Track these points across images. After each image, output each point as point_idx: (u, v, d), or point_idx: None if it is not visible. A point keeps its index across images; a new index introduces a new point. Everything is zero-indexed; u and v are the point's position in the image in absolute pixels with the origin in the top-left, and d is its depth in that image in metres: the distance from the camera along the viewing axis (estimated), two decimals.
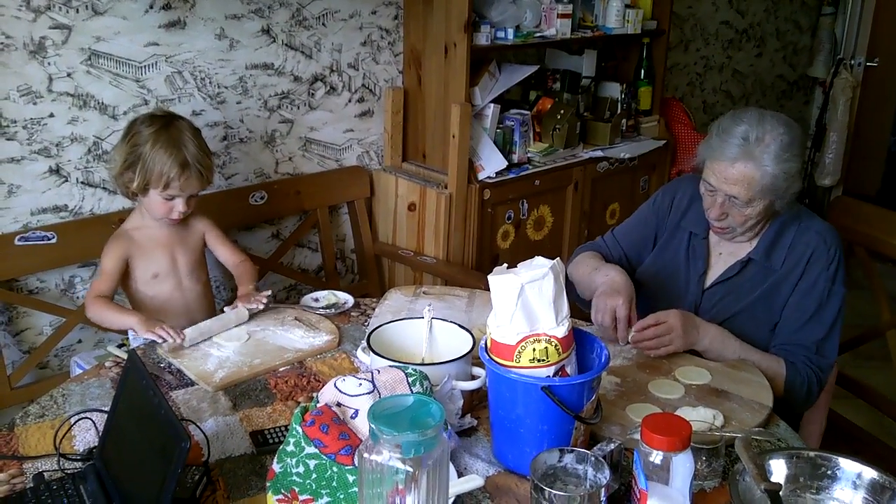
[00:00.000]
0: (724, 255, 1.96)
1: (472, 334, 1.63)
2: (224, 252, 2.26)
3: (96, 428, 1.51)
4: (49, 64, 2.23)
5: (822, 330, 1.84)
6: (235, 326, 1.94)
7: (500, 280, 1.35)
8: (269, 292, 2.05)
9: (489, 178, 2.83)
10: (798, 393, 1.81)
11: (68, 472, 1.40)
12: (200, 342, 1.87)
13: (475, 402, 1.60)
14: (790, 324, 1.86)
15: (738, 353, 1.82)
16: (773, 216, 1.89)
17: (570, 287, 2.01)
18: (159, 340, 1.84)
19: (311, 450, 1.28)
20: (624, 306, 1.80)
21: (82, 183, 2.37)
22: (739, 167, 1.77)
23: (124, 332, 2.29)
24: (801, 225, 1.89)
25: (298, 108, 2.78)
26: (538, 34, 2.94)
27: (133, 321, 1.94)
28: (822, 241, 1.85)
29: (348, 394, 1.35)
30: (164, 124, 2.05)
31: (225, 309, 2.01)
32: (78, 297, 2.44)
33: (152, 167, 2.00)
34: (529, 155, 2.99)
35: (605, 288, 1.86)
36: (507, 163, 2.87)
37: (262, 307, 2.01)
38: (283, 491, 1.29)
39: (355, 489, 1.26)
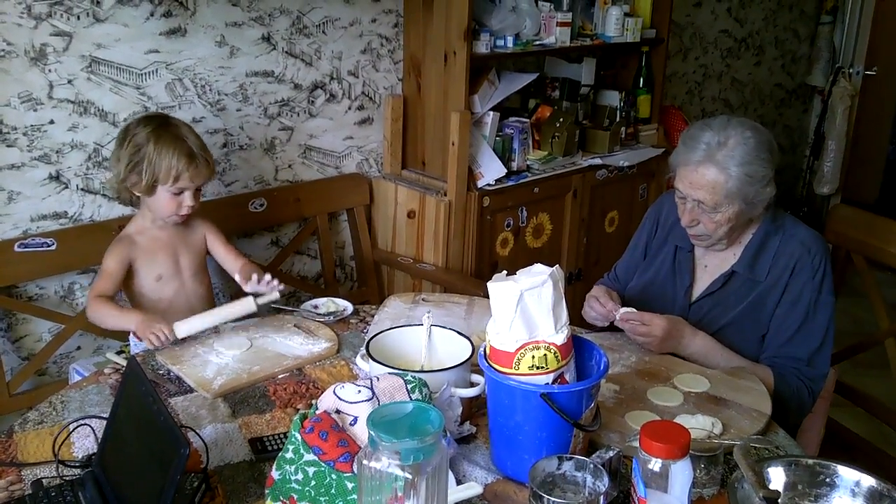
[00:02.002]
0: (710, 268, 1.96)
1: (471, 341, 1.63)
2: (225, 254, 2.23)
3: (95, 435, 1.51)
4: (50, 71, 2.24)
5: (811, 342, 1.83)
6: (237, 322, 1.88)
7: (500, 287, 1.35)
8: (282, 286, 1.96)
9: (488, 185, 2.84)
10: (788, 403, 1.80)
11: (67, 478, 1.39)
12: (204, 331, 1.87)
13: (474, 409, 1.60)
14: (778, 337, 1.85)
15: (724, 365, 1.83)
16: (750, 224, 1.89)
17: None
18: (156, 345, 1.84)
19: (309, 457, 1.28)
20: (602, 289, 1.97)
21: (82, 189, 2.38)
22: (703, 171, 1.78)
23: (124, 338, 2.29)
24: (784, 234, 1.87)
25: (298, 115, 2.79)
26: (537, 42, 2.95)
27: (134, 321, 1.91)
28: (805, 251, 1.84)
29: (347, 401, 1.35)
30: (161, 123, 2.07)
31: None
32: (77, 304, 2.44)
33: (159, 163, 2.01)
34: (528, 162, 2.99)
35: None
36: (506, 170, 2.87)
37: (276, 296, 1.91)
38: (281, 498, 1.29)
39: (354, 496, 1.26)
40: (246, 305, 1.89)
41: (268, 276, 1.98)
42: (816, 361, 1.83)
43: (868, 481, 1.30)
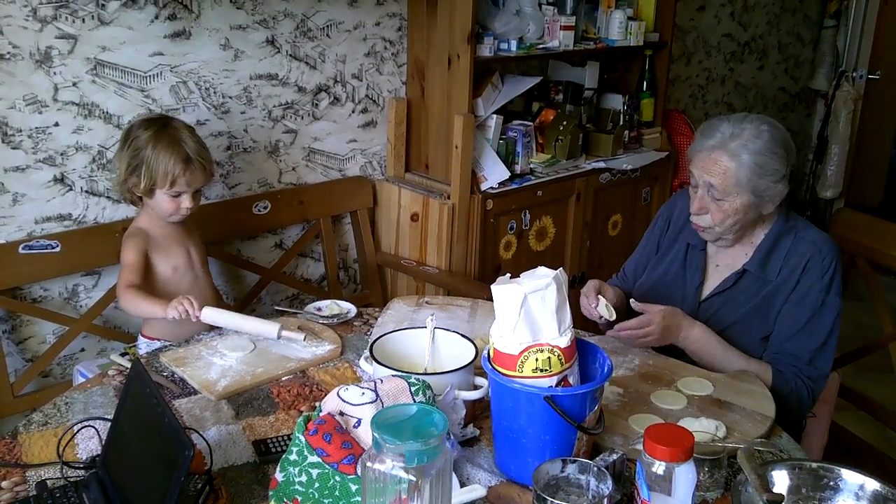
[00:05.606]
0: (721, 266, 1.97)
1: (474, 344, 1.63)
2: None
3: (99, 436, 1.51)
4: (55, 73, 2.25)
5: (814, 340, 1.83)
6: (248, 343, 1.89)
7: (504, 290, 1.35)
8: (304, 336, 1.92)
9: (492, 188, 2.84)
10: (786, 400, 1.80)
11: (71, 480, 1.40)
12: (222, 329, 1.94)
13: (478, 411, 1.60)
14: (782, 333, 1.86)
15: (721, 357, 1.84)
16: (763, 224, 1.91)
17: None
18: (175, 316, 1.90)
19: (313, 459, 1.28)
20: (591, 284, 1.95)
21: (86, 192, 2.38)
22: (716, 157, 1.82)
23: (129, 339, 2.30)
24: (797, 236, 1.89)
25: (302, 118, 2.79)
26: (541, 46, 2.95)
27: (162, 310, 1.95)
28: (816, 251, 1.85)
29: (351, 403, 1.35)
30: (161, 125, 2.10)
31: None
32: (81, 306, 2.44)
33: (156, 167, 2.04)
34: (532, 166, 2.99)
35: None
36: (509, 173, 2.87)
37: (301, 338, 1.87)
38: (285, 500, 1.30)
39: (358, 498, 1.26)
40: (270, 329, 1.88)
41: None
42: (817, 361, 1.84)
43: (872, 485, 1.30)
